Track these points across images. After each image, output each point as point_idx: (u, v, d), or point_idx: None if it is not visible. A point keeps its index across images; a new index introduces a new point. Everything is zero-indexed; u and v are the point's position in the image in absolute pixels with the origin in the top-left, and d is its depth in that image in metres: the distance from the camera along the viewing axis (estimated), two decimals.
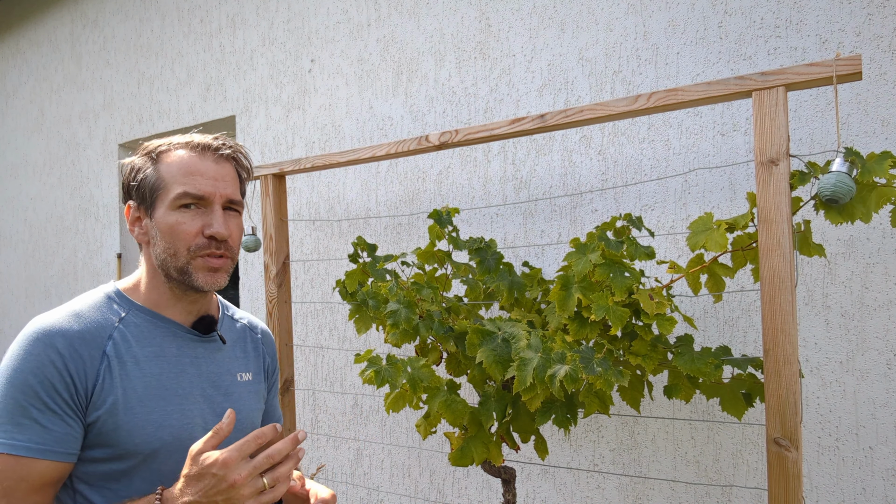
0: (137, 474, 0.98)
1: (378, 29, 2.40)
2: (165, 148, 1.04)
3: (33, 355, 0.93)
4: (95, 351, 0.96)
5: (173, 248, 1.01)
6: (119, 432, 0.96)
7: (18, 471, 0.90)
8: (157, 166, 1.03)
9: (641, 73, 1.85)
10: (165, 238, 1.01)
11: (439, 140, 1.73)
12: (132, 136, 3.43)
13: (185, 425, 1.02)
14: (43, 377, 0.92)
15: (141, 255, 1.08)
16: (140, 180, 1.03)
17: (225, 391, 1.10)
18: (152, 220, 1.02)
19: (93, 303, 1.02)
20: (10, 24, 4.29)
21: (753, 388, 1.40)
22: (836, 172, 1.16)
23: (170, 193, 1.01)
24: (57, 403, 0.93)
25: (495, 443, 1.48)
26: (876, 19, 1.54)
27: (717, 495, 1.73)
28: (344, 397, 2.49)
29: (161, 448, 0.99)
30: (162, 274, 1.04)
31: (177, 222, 1.01)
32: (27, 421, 0.91)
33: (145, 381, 1.00)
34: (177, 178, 1.01)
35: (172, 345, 1.05)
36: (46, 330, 0.95)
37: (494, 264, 1.68)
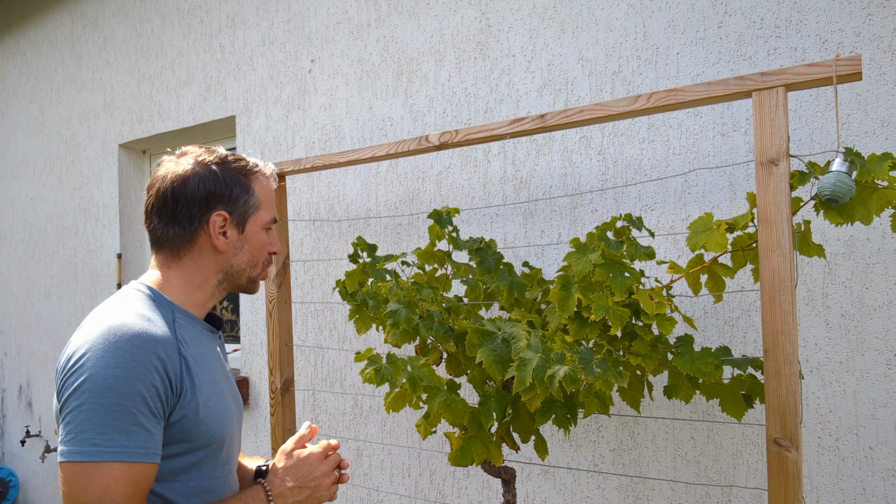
0: (206, 463, 1.06)
1: (378, 29, 2.40)
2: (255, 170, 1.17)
3: (136, 362, 0.94)
4: (175, 353, 1.01)
5: (255, 261, 1.16)
6: (200, 427, 1.03)
7: (134, 477, 0.92)
8: (253, 188, 1.14)
9: (641, 74, 1.85)
10: (253, 252, 1.15)
11: (439, 140, 1.73)
12: (132, 136, 3.43)
13: (231, 413, 1.12)
14: (149, 383, 0.94)
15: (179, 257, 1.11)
16: (238, 196, 1.12)
17: (230, 379, 1.20)
18: (242, 234, 1.13)
19: (146, 305, 1.05)
20: (10, 24, 4.29)
21: (753, 389, 1.40)
22: (836, 172, 1.16)
23: (263, 216, 1.16)
24: (157, 408, 0.96)
25: (495, 443, 1.48)
26: (876, 19, 1.54)
27: (717, 495, 1.73)
28: (344, 397, 2.49)
29: (226, 437, 1.09)
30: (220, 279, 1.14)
31: (264, 241, 1.17)
32: (135, 427, 0.93)
33: (206, 378, 1.07)
34: (268, 203, 1.18)
35: (205, 342, 1.12)
36: (140, 335, 0.96)
37: (494, 264, 1.68)
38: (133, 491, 0.92)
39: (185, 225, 1.09)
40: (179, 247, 1.10)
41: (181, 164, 1.11)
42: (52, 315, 3.96)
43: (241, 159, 1.16)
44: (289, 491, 1.07)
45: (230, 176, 1.11)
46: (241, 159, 1.16)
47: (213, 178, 1.10)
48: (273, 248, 1.20)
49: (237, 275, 1.14)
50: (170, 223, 1.10)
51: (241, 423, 1.19)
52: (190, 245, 1.10)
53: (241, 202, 1.12)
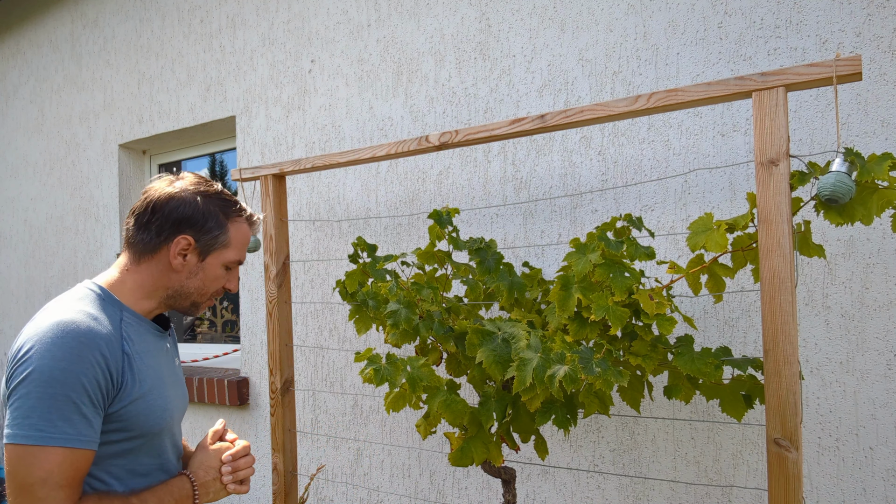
0: (142, 450, 1.16)
1: (378, 29, 2.41)
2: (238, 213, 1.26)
3: (81, 357, 1.04)
4: (119, 350, 1.11)
5: (205, 290, 1.26)
6: (139, 418, 1.13)
7: (75, 462, 1.02)
8: (228, 227, 1.24)
9: (641, 74, 1.85)
10: (206, 281, 1.25)
11: (439, 140, 1.73)
12: (132, 136, 3.43)
13: (171, 408, 1.23)
14: (92, 377, 1.04)
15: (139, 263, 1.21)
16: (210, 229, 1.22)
17: (177, 375, 1.32)
18: (202, 262, 1.23)
19: (95, 304, 1.15)
20: (10, 24, 4.29)
21: (753, 389, 1.40)
22: (836, 172, 1.16)
23: (228, 255, 1.25)
24: (98, 399, 1.06)
25: (495, 443, 1.48)
26: (876, 20, 1.54)
27: (717, 496, 1.73)
28: (344, 398, 2.49)
29: (163, 428, 1.19)
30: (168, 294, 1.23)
31: (220, 276, 1.26)
32: (77, 416, 1.02)
33: (149, 374, 1.16)
34: (238, 246, 1.27)
35: (152, 341, 1.23)
36: (86, 333, 1.06)
37: (494, 265, 1.68)
38: (73, 474, 1.02)
39: (153, 235, 1.19)
40: (142, 253, 1.20)
41: (175, 185, 1.23)
42: None
43: (230, 200, 1.26)
44: (211, 481, 1.22)
45: (210, 210, 1.22)
46: (230, 200, 1.26)
47: (193, 206, 1.20)
48: (229, 285, 1.30)
49: (184, 296, 1.24)
50: (141, 229, 1.20)
51: (182, 416, 1.32)
52: (150, 255, 1.20)
53: (210, 235, 1.22)
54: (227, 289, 1.30)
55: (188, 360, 3.24)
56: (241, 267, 2.84)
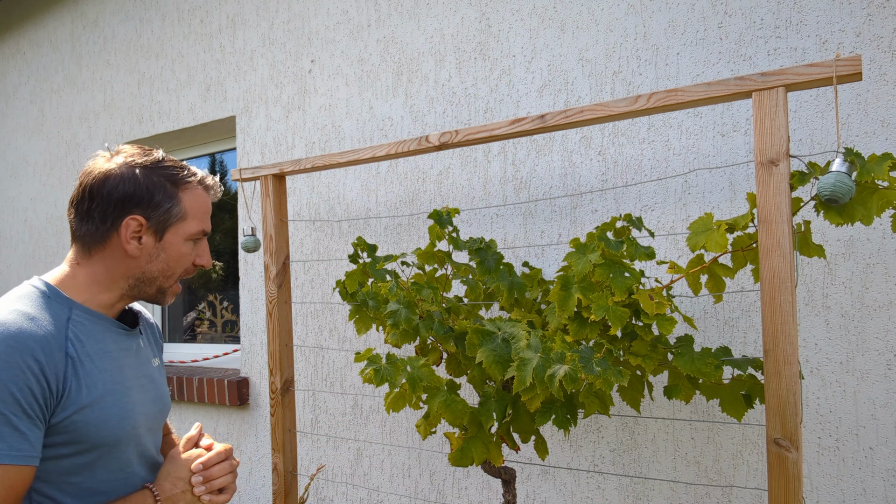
0: (99, 464, 1.04)
1: (378, 29, 2.41)
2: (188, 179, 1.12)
3: (9, 363, 0.92)
4: (60, 353, 0.98)
5: (171, 271, 1.13)
6: (88, 428, 1.00)
7: (7, 480, 0.91)
8: (180, 196, 1.10)
9: (641, 74, 1.85)
10: (169, 261, 1.12)
11: (439, 140, 1.73)
12: (132, 136, 3.43)
13: (135, 415, 1.09)
14: (23, 384, 0.92)
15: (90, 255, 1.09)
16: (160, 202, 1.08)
17: (150, 380, 1.19)
18: (160, 242, 1.10)
19: (36, 303, 1.02)
20: (10, 24, 4.29)
21: (753, 389, 1.40)
22: (836, 172, 1.16)
23: (188, 227, 1.12)
24: (33, 409, 0.94)
25: (495, 443, 1.48)
26: (876, 20, 1.54)
27: (717, 496, 1.73)
28: (344, 398, 2.49)
29: (120, 438, 1.06)
30: (130, 284, 1.11)
31: (185, 252, 1.13)
32: (6, 429, 0.91)
33: (102, 378, 1.04)
34: (197, 214, 1.13)
35: (112, 341, 1.10)
36: (16, 336, 0.94)
37: (494, 265, 1.68)
38: (5, 493, 0.91)
39: (97, 224, 1.07)
40: (91, 245, 1.08)
41: (110, 162, 1.09)
42: None
43: (175, 166, 1.12)
44: (179, 494, 1.08)
45: (155, 182, 1.08)
46: (177, 167, 1.12)
47: (133, 181, 1.06)
48: (200, 261, 1.16)
49: (148, 282, 1.12)
50: (84, 219, 1.08)
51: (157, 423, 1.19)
52: (101, 245, 1.08)
53: (161, 209, 1.08)
54: (198, 265, 1.17)
55: (188, 360, 3.24)
56: (241, 267, 2.84)
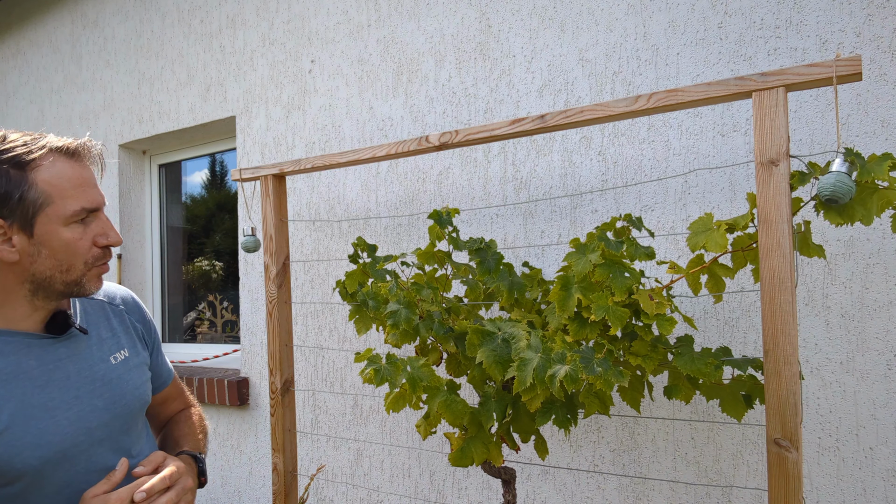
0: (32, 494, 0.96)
1: (378, 30, 2.41)
2: (34, 156, 0.93)
3: None
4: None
5: (67, 264, 0.98)
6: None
7: None
8: (32, 178, 0.93)
9: (641, 74, 1.85)
10: (58, 255, 0.96)
11: (439, 141, 1.73)
12: (132, 136, 3.43)
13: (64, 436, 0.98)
14: None
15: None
16: (9, 194, 0.91)
17: (102, 381, 1.06)
18: (32, 237, 0.94)
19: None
20: (10, 24, 4.29)
21: (753, 390, 1.40)
22: (836, 172, 1.16)
23: (60, 209, 0.95)
24: None
25: (495, 443, 1.48)
26: (876, 20, 1.54)
27: (717, 496, 1.73)
28: (344, 398, 2.49)
29: (44, 465, 0.96)
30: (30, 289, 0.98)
31: (73, 238, 0.97)
32: None
33: (10, 407, 0.94)
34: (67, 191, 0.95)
35: (30, 357, 0.98)
36: None
37: (494, 265, 1.68)
38: None
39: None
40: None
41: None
42: None
43: (16, 146, 0.94)
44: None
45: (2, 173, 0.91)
46: (18, 145, 0.94)
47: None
48: (103, 240, 1.01)
49: (49, 282, 0.98)
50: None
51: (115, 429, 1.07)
52: None
53: (12, 201, 0.92)
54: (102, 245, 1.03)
55: (188, 360, 3.24)
56: (241, 267, 2.84)
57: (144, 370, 1.17)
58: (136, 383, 1.12)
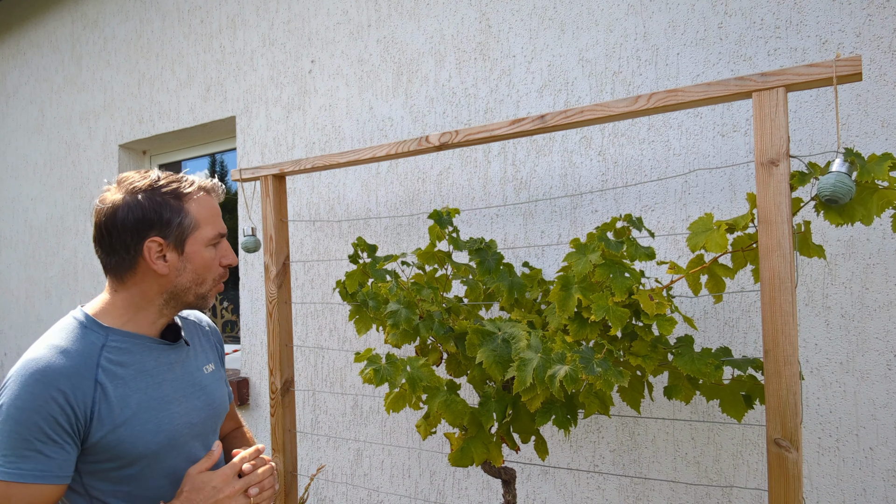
0: (146, 473, 1.13)
1: (378, 30, 2.41)
2: (188, 190, 1.18)
3: (35, 395, 1.03)
4: (89, 382, 1.07)
5: (201, 279, 1.19)
6: (123, 445, 1.09)
7: (27, 496, 1.02)
8: (186, 208, 1.16)
9: (642, 74, 1.85)
10: (197, 270, 1.18)
11: (439, 141, 1.73)
12: (132, 136, 3.43)
13: (174, 426, 1.17)
14: (46, 414, 1.03)
15: (124, 282, 1.16)
16: (170, 219, 1.14)
17: (199, 386, 1.26)
18: (183, 255, 1.16)
19: (72, 335, 1.11)
20: (10, 24, 4.29)
21: (753, 390, 1.40)
22: (836, 173, 1.16)
23: (204, 234, 1.18)
24: (58, 434, 1.04)
25: (495, 443, 1.48)
26: (876, 20, 1.54)
27: (717, 496, 1.73)
28: (344, 398, 2.49)
29: (160, 450, 1.14)
30: (165, 299, 1.18)
31: (210, 257, 1.19)
32: (31, 452, 1.02)
33: (136, 398, 1.12)
34: (208, 220, 1.19)
35: (150, 359, 1.17)
36: (44, 370, 1.04)
37: (494, 265, 1.68)
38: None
39: (122, 254, 1.14)
40: (122, 273, 1.16)
41: (114, 195, 1.15)
42: (53, 316, 3.96)
43: (173, 181, 1.17)
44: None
45: (159, 202, 1.14)
46: (174, 181, 1.18)
47: (140, 207, 1.13)
48: (226, 261, 1.23)
49: (183, 293, 1.19)
50: (110, 253, 1.15)
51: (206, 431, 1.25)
52: (132, 272, 1.15)
53: (173, 226, 1.14)
54: (225, 265, 1.23)
55: None
56: (241, 267, 2.84)
57: (224, 384, 1.36)
58: (221, 393, 1.32)
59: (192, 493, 1.10)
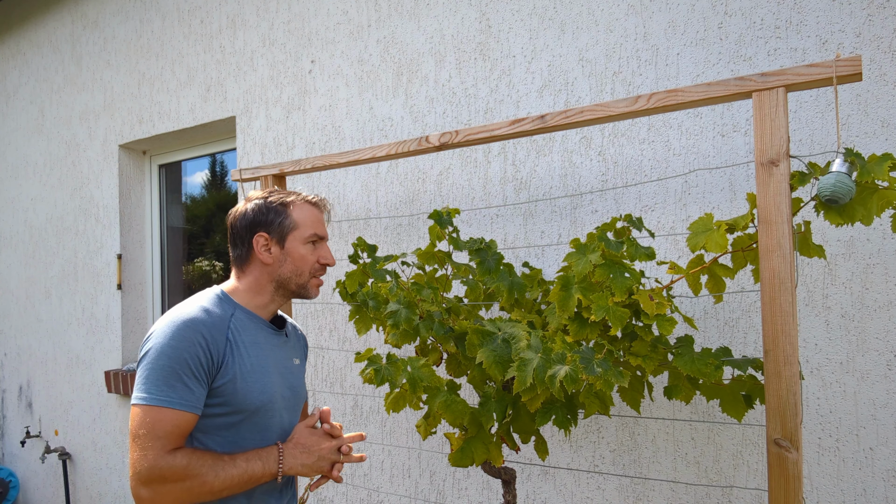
0: (244, 425, 1.34)
1: (378, 30, 2.41)
2: (291, 199, 1.45)
3: (185, 337, 1.27)
4: (222, 336, 1.32)
5: (299, 270, 1.43)
6: (237, 395, 1.32)
7: (175, 420, 1.24)
8: (290, 212, 1.43)
9: (642, 74, 1.85)
10: (295, 262, 1.42)
11: (439, 141, 1.73)
12: (132, 136, 3.43)
13: (273, 392, 1.39)
14: (193, 353, 1.27)
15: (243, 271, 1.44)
16: (274, 220, 1.42)
17: (289, 371, 1.48)
18: (283, 249, 1.41)
19: (213, 301, 1.38)
20: (10, 24, 4.29)
21: (753, 390, 1.40)
22: (836, 173, 1.16)
23: (301, 233, 1.42)
24: (200, 372, 1.27)
25: (495, 443, 1.48)
26: (876, 20, 1.54)
27: (717, 496, 1.73)
28: (344, 398, 2.49)
29: (261, 407, 1.36)
30: (275, 286, 1.43)
31: (305, 253, 1.43)
32: (179, 384, 1.25)
33: (251, 360, 1.36)
34: (306, 223, 1.44)
35: (262, 335, 1.42)
36: (192, 319, 1.30)
37: (494, 265, 1.68)
38: (171, 430, 1.23)
39: (240, 247, 1.44)
40: (242, 263, 1.44)
41: (241, 206, 1.46)
42: (53, 315, 3.96)
43: (283, 194, 1.45)
44: (298, 452, 1.36)
45: (269, 206, 1.43)
46: (283, 194, 1.46)
47: (255, 211, 1.43)
48: (323, 260, 1.46)
49: (286, 282, 1.42)
50: (233, 247, 1.45)
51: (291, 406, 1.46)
52: (248, 261, 1.43)
53: (276, 224, 1.41)
54: (322, 263, 1.45)
55: None
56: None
57: (304, 378, 1.58)
58: (300, 383, 1.53)
59: (301, 439, 1.38)
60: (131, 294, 3.58)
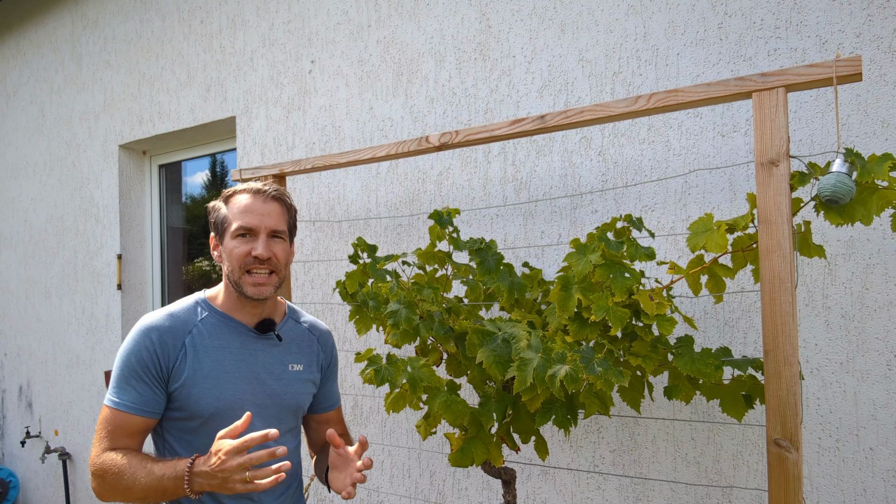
0: (203, 430, 1.34)
1: (378, 30, 2.41)
2: (231, 193, 1.41)
3: (137, 343, 1.32)
4: (178, 342, 1.34)
5: (232, 266, 1.37)
6: (190, 399, 1.33)
7: (119, 421, 1.30)
8: (226, 207, 1.39)
9: (642, 75, 1.85)
10: (230, 259, 1.37)
11: (439, 141, 1.73)
12: (132, 137, 3.43)
13: (236, 399, 1.36)
14: (140, 358, 1.31)
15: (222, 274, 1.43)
16: (215, 218, 1.40)
17: (276, 377, 1.44)
18: (223, 246, 1.39)
19: (186, 306, 1.40)
20: (10, 24, 4.29)
21: (754, 390, 1.40)
22: (836, 173, 1.16)
23: (231, 226, 1.37)
24: (149, 376, 1.31)
25: (495, 443, 1.48)
26: (876, 20, 1.54)
27: (717, 496, 1.73)
28: (344, 398, 2.49)
29: (216, 413, 1.34)
30: (232, 287, 1.39)
31: (234, 247, 1.36)
32: (129, 388, 1.31)
33: (211, 365, 1.35)
34: (236, 215, 1.37)
35: (236, 340, 1.40)
36: (148, 326, 1.34)
37: (495, 265, 1.68)
38: (116, 430, 1.29)
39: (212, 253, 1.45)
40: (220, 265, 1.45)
41: None
42: (52, 316, 3.96)
43: (235, 189, 1.41)
44: (204, 473, 1.19)
45: (214, 205, 1.42)
46: (235, 188, 1.41)
47: (210, 212, 1.43)
48: (254, 252, 1.35)
49: (229, 281, 1.39)
50: None
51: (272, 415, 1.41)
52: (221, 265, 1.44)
53: (217, 222, 1.40)
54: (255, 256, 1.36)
55: None
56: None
57: (309, 385, 1.52)
58: (297, 390, 1.48)
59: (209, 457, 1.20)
60: (131, 294, 3.58)
